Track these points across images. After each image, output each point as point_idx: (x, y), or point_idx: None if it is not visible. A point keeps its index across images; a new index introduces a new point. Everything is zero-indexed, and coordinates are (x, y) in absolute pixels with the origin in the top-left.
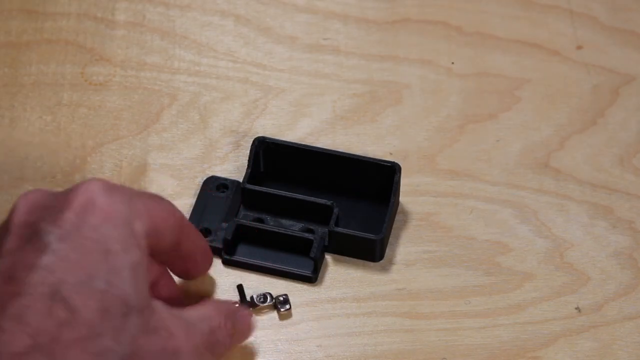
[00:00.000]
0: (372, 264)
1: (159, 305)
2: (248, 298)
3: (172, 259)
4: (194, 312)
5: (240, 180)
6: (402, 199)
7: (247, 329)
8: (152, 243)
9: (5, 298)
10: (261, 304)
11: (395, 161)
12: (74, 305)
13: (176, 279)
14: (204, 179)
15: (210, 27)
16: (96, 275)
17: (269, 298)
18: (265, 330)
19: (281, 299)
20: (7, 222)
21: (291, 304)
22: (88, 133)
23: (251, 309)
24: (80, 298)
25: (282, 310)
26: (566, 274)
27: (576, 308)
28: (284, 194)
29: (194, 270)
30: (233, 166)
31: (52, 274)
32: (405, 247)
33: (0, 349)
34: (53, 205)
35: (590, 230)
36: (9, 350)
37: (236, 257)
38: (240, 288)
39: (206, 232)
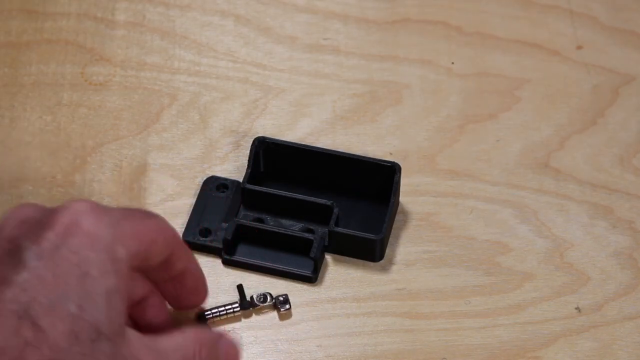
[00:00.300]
0: (372, 264)
1: (132, 334)
2: (248, 298)
3: (163, 280)
4: (169, 341)
5: (240, 180)
6: (402, 199)
7: (232, 356)
8: (138, 264)
9: None
10: (261, 304)
11: (395, 161)
12: (41, 326)
13: None
14: (204, 179)
15: (210, 27)
16: (69, 298)
17: (269, 298)
18: (265, 330)
19: (281, 298)
20: None
21: (291, 304)
22: (88, 133)
23: (251, 308)
24: (49, 320)
25: (282, 310)
26: (566, 274)
27: (576, 308)
28: (284, 194)
29: (186, 297)
30: (233, 166)
31: (24, 292)
32: (405, 247)
33: None
34: (39, 222)
35: (590, 230)
36: None
37: (236, 257)
38: (240, 288)
39: (206, 232)
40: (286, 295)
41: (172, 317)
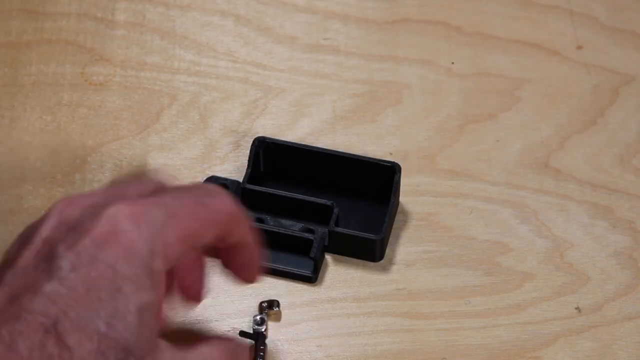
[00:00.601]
0: (372, 264)
1: (162, 347)
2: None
3: (210, 251)
4: (196, 354)
5: (240, 180)
6: (402, 199)
7: None
8: (185, 254)
9: (3, 318)
10: (259, 326)
11: (395, 161)
12: (68, 344)
13: None
14: (204, 179)
15: (210, 27)
16: (99, 316)
17: (265, 318)
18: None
19: (264, 304)
20: (34, 231)
21: (280, 304)
22: (88, 133)
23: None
24: (76, 337)
25: (271, 313)
26: (566, 274)
27: (576, 308)
28: (284, 194)
29: (235, 270)
30: (233, 166)
31: (54, 304)
32: (405, 247)
33: None
34: (78, 226)
35: (590, 230)
36: None
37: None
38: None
39: None
40: (272, 301)
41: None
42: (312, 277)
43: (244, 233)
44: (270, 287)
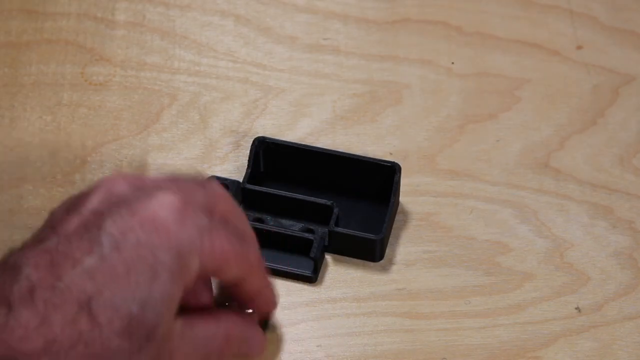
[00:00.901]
0: (372, 264)
1: (178, 326)
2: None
3: (233, 292)
4: (202, 328)
5: (240, 180)
6: (402, 199)
7: (256, 351)
8: (206, 277)
9: (40, 286)
10: None
11: (395, 161)
12: (99, 321)
13: None
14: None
15: (210, 27)
16: (134, 298)
17: None
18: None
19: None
20: (82, 200)
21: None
22: (88, 133)
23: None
24: (107, 315)
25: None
26: (566, 274)
27: (576, 308)
28: (284, 194)
29: (252, 307)
30: (233, 166)
31: (92, 280)
32: (405, 247)
33: (12, 344)
34: (127, 204)
35: (590, 230)
36: (19, 347)
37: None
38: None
39: None
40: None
41: None
42: (312, 277)
43: (262, 284)
44: None
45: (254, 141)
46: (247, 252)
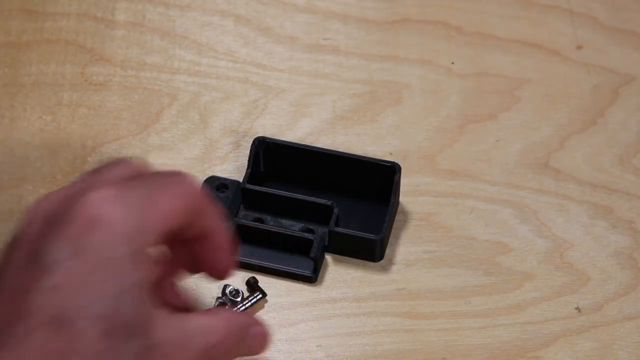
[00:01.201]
0: (372, 264)
1: (160, 317)
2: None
3: (180, 243)
4: (197, 322)
5: (240, 180)
6: (402, 199)
7: (259, 346)
8: (162, 242)
9: (10, 319)
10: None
11: (395, 161)
12: (75, 332)
13: None
14: (204, 179)
15: (210, 27)
16: (100, 299)
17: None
18: None
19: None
20: (19, 233)
21: (265, 293)
22: (88, 133)
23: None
24: (82, 324)
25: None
26: (566, 274)
27: (576, 308)
28: (284, 194)
29: (206, 262)
30: (233, 166)
31: (53, 297)
32: (405, 247)
33: None
34: (60, 218)
35: (590, 230)
36: None
37: (236, 257)
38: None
39: None
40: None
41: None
42: (312, 277)
43: (214, 217)
44: (270, 287)
45: (254, 141)
46: (189, 190)
